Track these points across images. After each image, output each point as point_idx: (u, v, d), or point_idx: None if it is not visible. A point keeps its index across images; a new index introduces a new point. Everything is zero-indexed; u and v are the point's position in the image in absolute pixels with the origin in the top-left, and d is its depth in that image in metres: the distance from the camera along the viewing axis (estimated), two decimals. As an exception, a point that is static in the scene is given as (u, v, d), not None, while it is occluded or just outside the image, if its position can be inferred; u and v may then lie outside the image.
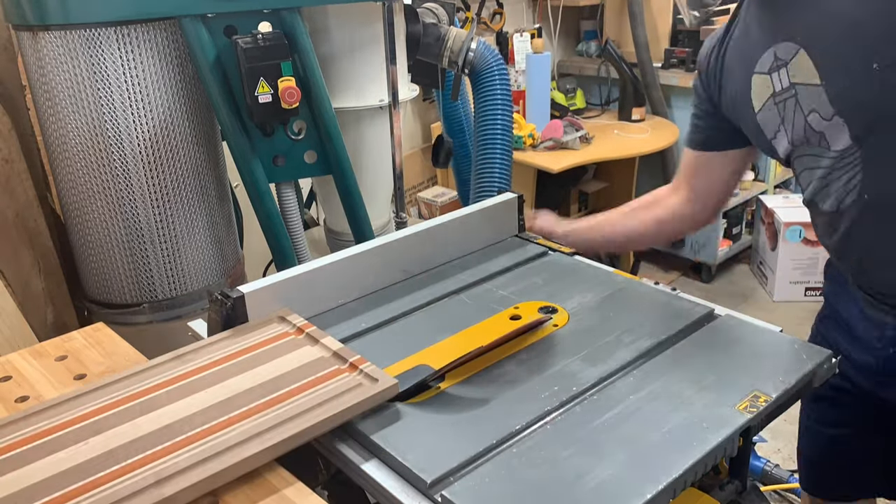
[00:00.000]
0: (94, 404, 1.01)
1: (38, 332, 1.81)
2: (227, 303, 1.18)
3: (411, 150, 3.44)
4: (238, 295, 1.18)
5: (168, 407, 1.00)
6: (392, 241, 1.39)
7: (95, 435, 0.94)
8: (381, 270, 1.37)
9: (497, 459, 0.92)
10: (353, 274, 1.33)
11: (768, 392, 1.01)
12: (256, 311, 1.20)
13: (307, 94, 1.73)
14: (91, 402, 1.02)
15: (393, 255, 1.38)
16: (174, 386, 1.05)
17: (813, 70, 1.08)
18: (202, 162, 1.77)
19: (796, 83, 1.12)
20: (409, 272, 1.40)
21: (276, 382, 1.04)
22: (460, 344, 1.15)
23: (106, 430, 0.95)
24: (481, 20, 3.44)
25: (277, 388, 1.02)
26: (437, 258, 1.46)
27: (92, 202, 1.69)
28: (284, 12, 1.68)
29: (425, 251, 1.43)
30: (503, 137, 2.17)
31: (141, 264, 1.75)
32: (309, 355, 1.10)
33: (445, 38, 2.13)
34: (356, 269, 1.34)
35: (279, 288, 1.24)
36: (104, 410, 1.00)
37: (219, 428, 0.95)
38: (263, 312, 1.21)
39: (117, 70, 1.59)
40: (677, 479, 0.87)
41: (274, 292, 1.23)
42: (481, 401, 1.04)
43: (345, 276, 1.32)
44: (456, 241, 1.48)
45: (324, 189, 2.13)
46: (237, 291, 1.19)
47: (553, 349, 1.16)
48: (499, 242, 1.55)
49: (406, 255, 1.40)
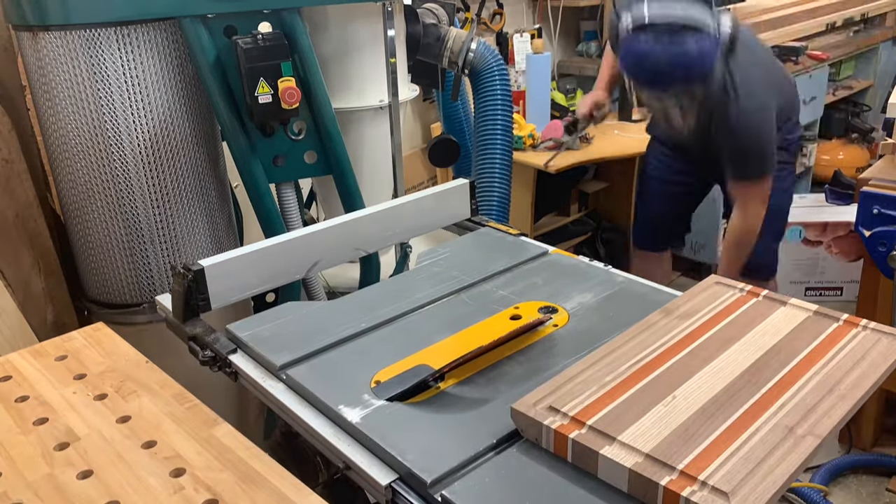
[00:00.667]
0: (644, 354, 1.04)
1: (38, 332, 1.80)
2: (189, 275, 1.25)
3: (411, 149, 3.43)
4: (198, 268, 1.26)
5: (712, 363, 1.01)
6: (347, 221, 1.47)
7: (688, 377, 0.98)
8: (336, 248, 1.46)
9: (497, 459, 0.92)
10: (308, 251, 1.42)
11: (768, 392, 1.01)
12: (216, 283, 1.29)
13: (307, 94, 1.73)
14: (637, 351, 1.05)
15: (347, 233, 1.47)
16: (692, 346, 1.06)
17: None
18: (202, 162, 1.77)
19: None
20: (361, 250, 1.49)
21: (788, 343, 1.04)
22: (460, 344, 1.15)
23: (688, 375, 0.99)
24: (481, 20, 3.44)
25: (794, 349, 1.03)
26: (389, 238, 1.57)
27: (92, 202, 1.69)
28: (284, 12, 1.68)
29: (376, 231, 1.52)
30: (503, 137, 2.17)
31: (141, 264, 1.75)
32: (792, 317, 1.11)
33: (445, 38, 2.13)
34: (311, 246, 1.42)
35: (238, 262, 1.33)
36: (662, 360, 1.03)
37: (784, 385, 0.96)
38: (222, 285, 1.29)
39: (117, 70, 1.59)
40: (677, 479, 0.87)
41: (232, 266, 1.32)
42: (481, 401, 1.04)
43: (300, 253, 1.41)
44: (407, 223, 1.58)
45: (324, 189, 2.13)
46: (198, 265, 1.27)
47: (553, 349, 1.16)
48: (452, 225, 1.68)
49: (360, 234, 1.49)
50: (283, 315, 1.28)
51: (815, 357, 1.02)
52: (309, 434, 1.04)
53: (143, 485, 0.95)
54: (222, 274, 1.30)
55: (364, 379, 1.08)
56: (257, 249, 1.37)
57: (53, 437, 1.05)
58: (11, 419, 1.09)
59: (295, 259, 1.41)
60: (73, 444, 1.04)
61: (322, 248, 1.44)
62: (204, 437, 1.04)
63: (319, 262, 1.45)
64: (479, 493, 0.86)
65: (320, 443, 1.02)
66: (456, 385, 1.07)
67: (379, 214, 1.54)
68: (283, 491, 0.93)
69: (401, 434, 0.96)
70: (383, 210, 1.55)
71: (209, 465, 0.99)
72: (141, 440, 1.04)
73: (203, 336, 1.24)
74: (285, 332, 1.22)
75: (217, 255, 1.33)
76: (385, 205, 1.57)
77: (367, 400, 1.03)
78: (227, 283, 1.30)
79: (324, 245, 1.45)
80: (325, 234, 1.45)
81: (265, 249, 1.38)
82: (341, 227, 1.48)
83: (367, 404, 1.02)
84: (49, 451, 1.02)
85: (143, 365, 1.22)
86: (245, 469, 0.97)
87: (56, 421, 1.09)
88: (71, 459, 1.01)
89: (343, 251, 1.49)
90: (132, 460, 1.00)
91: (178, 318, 1.28)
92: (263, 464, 0.98)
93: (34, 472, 0.98)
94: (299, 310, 1.30)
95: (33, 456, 1.02)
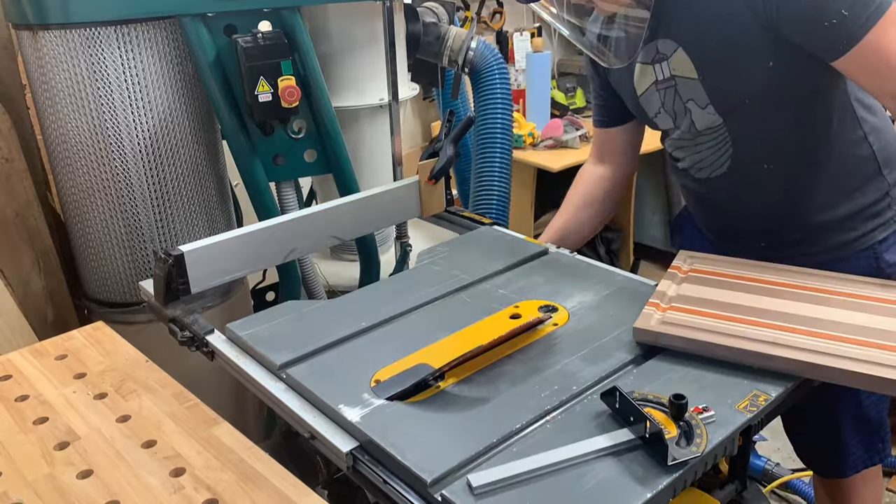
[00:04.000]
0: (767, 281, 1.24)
1: (38, 331, 1.80)
2: (169, 260, 1.29)
3: (411, 148, 3.43)
4: (178, 253, 1.31)
5: (814, 306, 1.17)
6: (323, 210, 1.55)
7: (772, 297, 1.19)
8: (312, 235, 1.53)
9: (497, 459, 0.92)
10: (284, 238, 1.48)
11: (768, 391, 1.01)
12: (195, 268, 1.34)
13: (307, 93, 1.73)
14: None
15: (323, 221, 1.54)
16: (810, 293, 1.21)
17: (691, 66, 1.27)
18: (202, 161, 1.77)
19: (676, 75, 1.32)
20: (337, 238, 1.59)
21: None
22: (460, 343, 1.15)
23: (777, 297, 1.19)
24: (481, 19, 3.45)
25: None
26: (364, 227, 1.66)
27: (92, 201, 1.69)
28: (284, 11, 1.68)
29: (350, 219, 1.59)
30: (503, 136, 2.17)
31: (141, 263, 1.75)
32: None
33: (445, 37, 2.13)
34: (288, 233, 1.49)
35: (216, 248, 1.38)
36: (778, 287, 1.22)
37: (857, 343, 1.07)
38: (202, 270, 1.35)
39: (117, 70, 1.59)
40: (677, 479, 0.87)
41: (211, 252, 1.37)
42: (481, 400, 1.04)
43: (277, 239, 1.47)
44: (383, 211, 1.64)
45: (324, 188, 2.13)
46: (177, 250, 1.32)
47: (553, 348, 1.15)
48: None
49: (335, 222, 1.56)
50: (282, 314, 1.28)
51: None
52: (309, 433, 1.04)
53: (143, 484, 0.95)
54: (201, 259, 1.35)
55: (364, 378, 1.08)
56: (235, 236, 1.42)
57: (53, 437, 1.05)
58: (11, 418, 1.09)
59: (272, 246, 1.47)
60: (73, 443, 1.04)
61: (298, 236, 1.50)
62: (204, 436, 1.04)
63: (296, 248, 1.51)
64: (480, 493, 0.86)
65: (320, 442, 1.02)
66: (456, 384, 1.07)
67: (354, 203, 1.59)
68: (283, 491, 0.93)
69: (401, 433, 0.96)
70: (359, 199, 1.59)
71: (209, 464, 0.99)
72: (141, 440, 1.04)
73: (182, 318, 1.29)
74: (285, 332, 1.22)
75: (196, 240, 1.38)
76: (361, 194, 1.61)
77: (366, 399, 1.03)
78: (207, 268, 1.36)
79: (300, 232, 1.50)
80: (301, 222, 1.51)
81: (243, 236, 1.43)
82: (317, 216, 1.53)
83: (367, 403, 1.02)
84: (49, 450, 1.02)
85: (143, 364, 1.22)
86: (245, 469, 0.97)
87: (56, 420, 1.09)
88: (71, 459, 1.01)
89: (319, 238, 1.55)
90: (132, 460, 1.00)
91: (160, 302, 1.33)
92: (263, 464, 0.99)
93: (34, 472, 0.98)
94: (299, 309, 1.30)
95: (33, 455, 1.02)
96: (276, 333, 1.22)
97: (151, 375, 1.19)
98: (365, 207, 1.60)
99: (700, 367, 1.08)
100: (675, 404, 0.93)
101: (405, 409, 1.02)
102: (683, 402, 0.92)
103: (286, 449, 1.38)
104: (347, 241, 2.05)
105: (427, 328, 1.22)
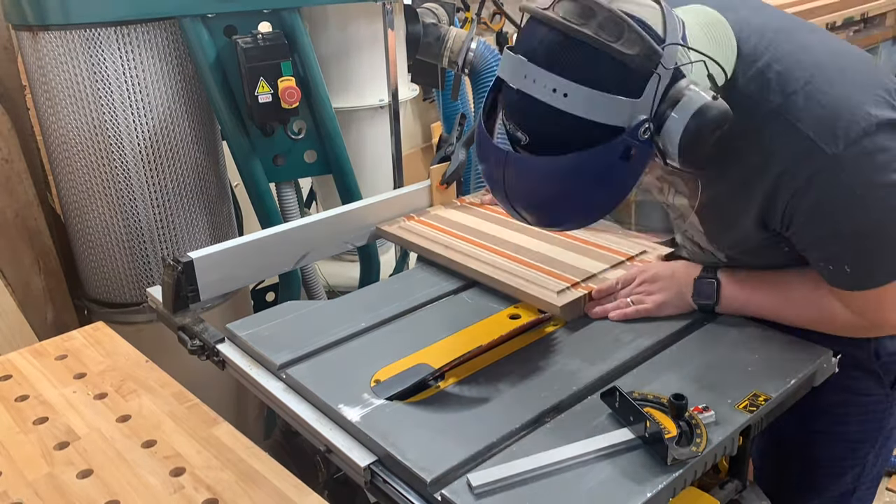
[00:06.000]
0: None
1: (38, 332, 1.81)
2: (178, 267, 1.28)
3: (411, 149, 3.43)
4: (188, 260, 1.29)
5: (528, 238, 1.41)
6: (335, 215, 1.53)
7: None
8: (324, 241, 1.51)
9: (497, 459, 0.92)
10: (296, 244, 1.46)
11: (768, 391, 1.01)
12: (205, 275, 1.32)
13: (307, 93, 1.73)
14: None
15: (334, 226, 1.52)
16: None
17: (697, 221, 1.18)
18: (202, 162, 1.77)
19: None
20: (350, 243, 1.56)
21: None
22: (460, 343, 1.15)
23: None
24: (481, 20, 3.44)
25: None
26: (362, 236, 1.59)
27: (92, 201, 1.69)
28: (284, 12, 1.68)
29: (363, 225, 1.57)
30: (503, 137, 2.16)
31: (141, 264, 1.75)
32: None
33: (445, 37, 2.12)
34: (299, 239, 1.47)
35: (227, 255, 1.36)
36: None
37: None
38: (211, 277, 1.32)
39: (117, 70, 1.59)
40: (676, 478, 0.88)
41: (221, 258, 1.35)
42: (481, 400, 1.04)
43: (288, 245, 1.45)
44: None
45: (324, 188, 2.13)
46: (187, 257, 1.30)
47: (553, 348, 1.16)
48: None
49: (348, 228, 1.54)
50: (282, 314, 1.28)
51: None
52: (308, 433, 1.04)
53: (143, 484, 0.95)
54: (211, 266, 1.33)
55: (364, 378, 1.08)
56: (246, 242, 1.40)
57: (53, 437, 1.05)
58: (11, 418, 1.09)
59: (283, 252, 1.45)
60: (73, 443, 1.04)
61: (310, 241, 1.48)
62: (204, 436, 1.04)
63: (308, 254, 1.48)
64: (480, 493, 0.86)
65: (320, 441, 1.02)
66: (456, 384, 1.07)
67: (366, 209, 1.56)
68: (283, 490, 0.93)
69: (400, 433, 0.96)
70: (371, 204, 1.57)
71: (209, 464, 0.99)
72: (141, 439, 1.04)
73: (192, 326, 1.26)
74: (285, 332, 1.22)
75: (206, 247, 1.36)
76: (373, 198, 1.59)
77: (366, 399, 1.03)
78: (217, 274, 1.34)
79: (311, 238, 1.48)
80: (312, 228, 1.49)
81: (254, 242, 1.41)
82: (328, 221, 1.52)
83: (367, 403, 1.02)
84: (49, 450, 1.02)
85: (142, 364, 1.22)
86: (245, 468, 0.97)
87: (56, 420, 1.09)
88: (71, 459, 1.01)
89: (331, 244, 1.53)
90: (132, 459, 1.00)
91: (169, 309, 1.30)
92: (263, 463, 0.99)
93: (34, 472, 0.98)
94: (299, 309, 1.30)
95: (33, 455, 1.02)
96: (276, 333, 1.22)
97: (151, 375, 1.19)
98: (376, 211, 1.57)
99: (700, 366, 1.08)
100: (675, 404, 0.93)
101: (405, 408, 1.02)
102: (683, 402, 0.92)
103: (286, 449, 1.39)
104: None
105: (427, 328, 1.22)
